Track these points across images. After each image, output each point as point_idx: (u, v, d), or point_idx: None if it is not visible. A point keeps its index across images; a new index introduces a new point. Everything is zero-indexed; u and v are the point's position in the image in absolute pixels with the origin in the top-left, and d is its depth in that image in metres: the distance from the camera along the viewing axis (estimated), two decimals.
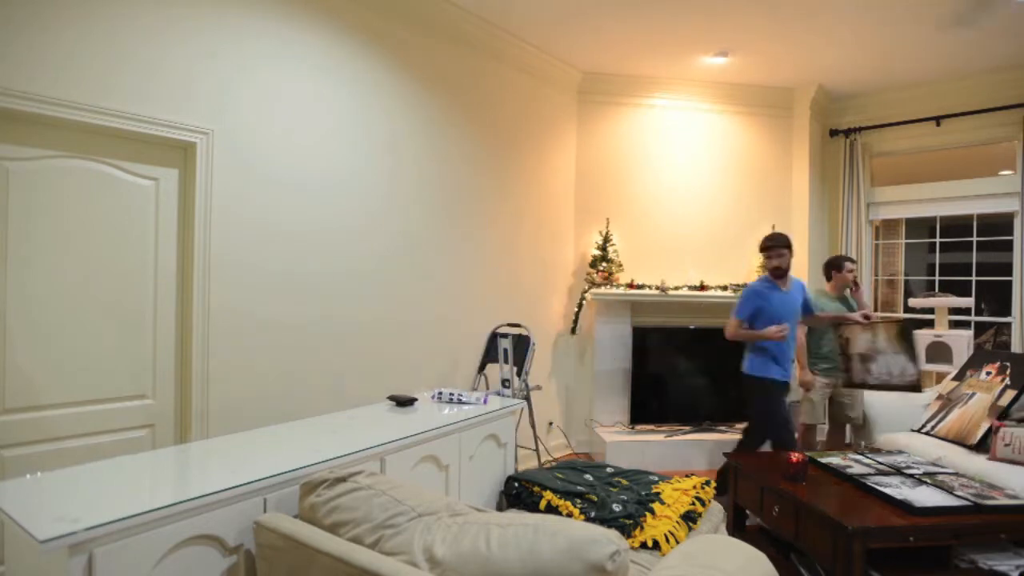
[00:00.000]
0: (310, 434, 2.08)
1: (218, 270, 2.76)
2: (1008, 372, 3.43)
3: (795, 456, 2.72)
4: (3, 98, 2.14)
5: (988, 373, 3.55)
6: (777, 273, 3.59)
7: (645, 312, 5.06)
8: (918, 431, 3.63)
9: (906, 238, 7.80)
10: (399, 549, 1.35)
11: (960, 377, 3.72)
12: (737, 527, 3.11)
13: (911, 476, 2.69)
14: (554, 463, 3.91)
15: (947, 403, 3.63)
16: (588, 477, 2.47)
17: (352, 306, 3.36)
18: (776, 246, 3.59)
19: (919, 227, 7.50)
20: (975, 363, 3.72)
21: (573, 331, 4.93)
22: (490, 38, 4.12)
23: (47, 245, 2.34)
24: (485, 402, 2.65)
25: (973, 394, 3.51)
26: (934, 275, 5.44)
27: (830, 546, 2.30)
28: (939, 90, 4.96)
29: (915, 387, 3.64)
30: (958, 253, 5.58)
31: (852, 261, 4.11)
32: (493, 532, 1.30)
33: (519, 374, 3.80)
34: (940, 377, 4.37)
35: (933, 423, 3.58)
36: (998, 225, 5.02)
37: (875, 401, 3.91)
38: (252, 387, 2.90)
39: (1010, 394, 3.30)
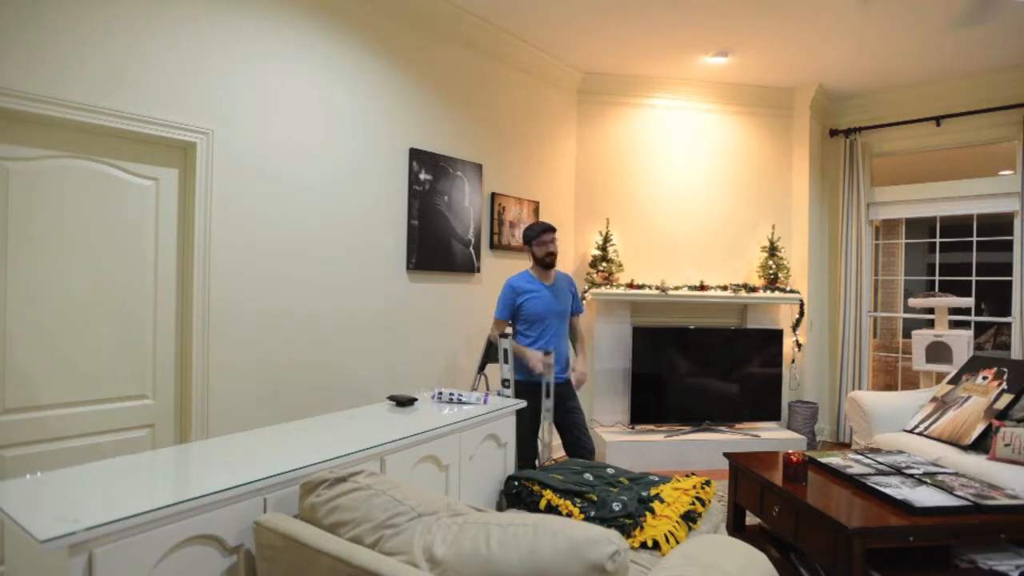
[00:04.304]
0: (310, 434, 2.08)
1: (218, 270, 2.77)
2: (1005, 377, 3.43)
3: (795, 456, 2.73)
4: (3, 98, 2.14)
5: (984, 377, 3.55)
6: (550, 261, 3.34)
7: (645, 312, 5.06)
8: (909, 431, 3.63)
9: (906, 238, 7.80)
10: (399, 549, 1.35)
11: (956, 381, 3.72)
12: (737, 527, 3.11)
13: (911, 476, 2.69)
14: (554, 463, 3.91)
15: (941, 405, 3.63)
16: (588, 477, 2.47)
17: (352, 306, 3.36)
18: (549, 230, 3.32)
19: (919, 227, 7.51)
20: (971, 367, 3.72)
21: None
22: (490, 38, 4.12)
23: (47, 245, 2.34)
24: (485, 402, 2.65)
25: (968, 397, 3.51)
26: (934, 275, 5.44)
27: (830, 546, 2.30)
28: (939, 90, 4.96)
29: None
30: (958, 253, 5.59)
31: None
32: (493, 532, 1.30)
33: None
34: (940, 377, 4.37)
35: (927, 424, 3.58)
36: (998, 225, 5.02)
37: (875, 400, 3.91)
38: (252, 387, 2.90)
39: (1007, 398, 3.31)
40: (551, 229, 3.36)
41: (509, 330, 3.34)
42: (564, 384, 3.41)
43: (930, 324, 4.66)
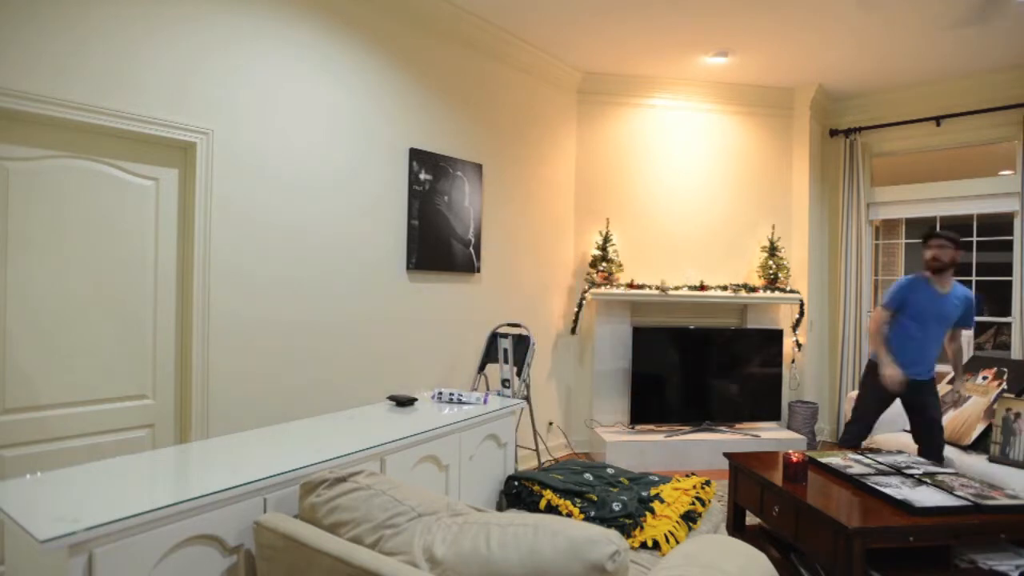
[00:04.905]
0: (310, 434, 2.08)
1: (218, 270, 2.77)
2: (1005, 377, 3.43)
3: (795, 456, 2.73)
4: (3, 98, 2.14)
5: (984, 377, 3.55)
6: (933, 266, 3.26)
7: (645, 312, 5.06)
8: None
9: (906, 238, 7.80)
10: (399, 549, 1.35)
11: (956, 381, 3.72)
12: (737, 527, 3.11)
13: (911, 476, 2.69)
14: (554, 463, 3.91)
15: (941, 405, 3.63)
16: (588, 477, 2.47)
17: (352, 306, 3.36)
18: (937, 236, 3.25)
19: (919, 227, 7.50)
20: (972, 367, 3.72)
21: (573, 331, 4.93)
22: (490, 38, 4.12)
23: (47, 245, 2.34)
24: (485, 402, 2.65)
25: (968, 397, 3.51)
26: None
27: (830, 546, 2.30)
28: (939, 90, 4.96)
29: None
30: None
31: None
32: (493, 532, 1.30)
33: (519, 374, 3.80)
34: (940, 377, 4.37)
35: None
36: (998, 225, 5.02)
37: None
38: (252, 387, 2.90)
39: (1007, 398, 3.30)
40: (940, 237, 3.28)
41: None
42: (926, 383, 3.37)
43: None
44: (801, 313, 5.08)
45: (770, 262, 5.05)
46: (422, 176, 3.74)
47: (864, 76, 4.89)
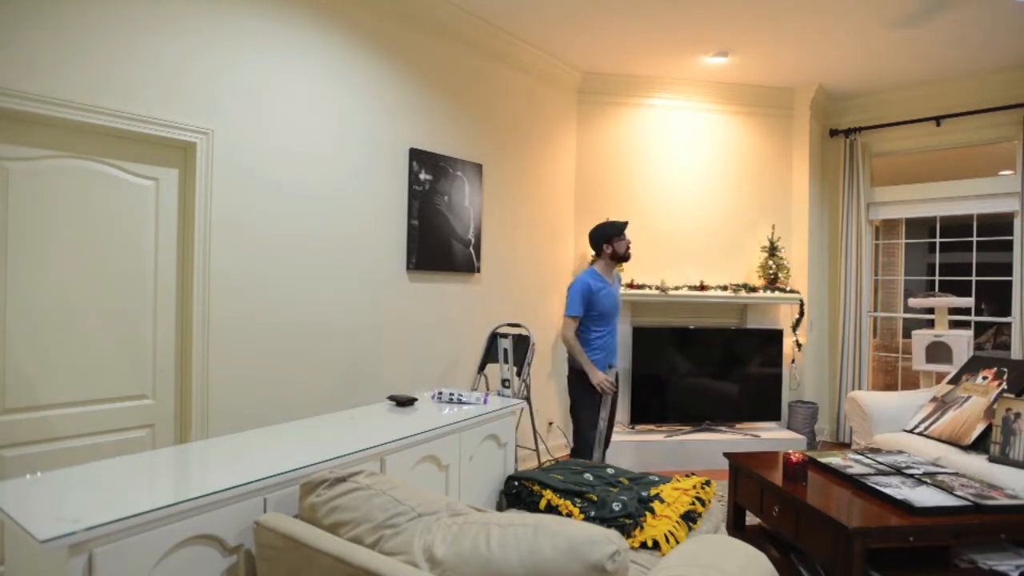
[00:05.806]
0: (310, 434, 2.08)
1: (218, 270, 2.77)
2: (1005, 377, 3.44)
3: (795, 456, 2.73)
4: (3, 98, 2.14)
5: (984, 378, 3.55)
6: (628, 256, 3.53)
7: (645, 312, 5.06)
8: (909, 431, 3.63)
9: (906, 238, 7.80)
10: (399, 549, 1.35)
11: (955, 381, 3.72)
12: (737, 527, 3.11)
13: (911, 476, 2.69)
14: (554, 463, 3.91)
15: (941, 405, 3.63)
16: (588, 477, 2.47)
17: (352, 306, 3.36)
18: (625, 227, 3.53)
19: (919, 227, 7.51)
20: (971, 367, 3.72)
21: None
22: (490, 38, 4.12)
23: (47, 245, 2.34)
24: (485, 402, 2.65)
25: (968, 397, 3.51)
26: (934, 275, 5.45)
27: (830, 546, 2.30)
28: (939, 90, 4.96)
29: None
30: (958, 253, 5.59)
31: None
32: (493, 532, 1.30)
33: (519, 374, 3.80)
34: (940, 377, 4.37)
35: (927, 424, 3.58)
36: (998, 225, 5.02)
37: (875, 400, 3.91)
38: (252, 387, 2.90)
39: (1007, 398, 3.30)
40: (625, 227, 3.56)
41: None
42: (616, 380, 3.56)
43: (930, 324, 4.66)
44: (801, 313, 5.08)
45: (770, 262, 5.05)
46: (422, 176, 3.74)
47: (864, 76, 4.89)
